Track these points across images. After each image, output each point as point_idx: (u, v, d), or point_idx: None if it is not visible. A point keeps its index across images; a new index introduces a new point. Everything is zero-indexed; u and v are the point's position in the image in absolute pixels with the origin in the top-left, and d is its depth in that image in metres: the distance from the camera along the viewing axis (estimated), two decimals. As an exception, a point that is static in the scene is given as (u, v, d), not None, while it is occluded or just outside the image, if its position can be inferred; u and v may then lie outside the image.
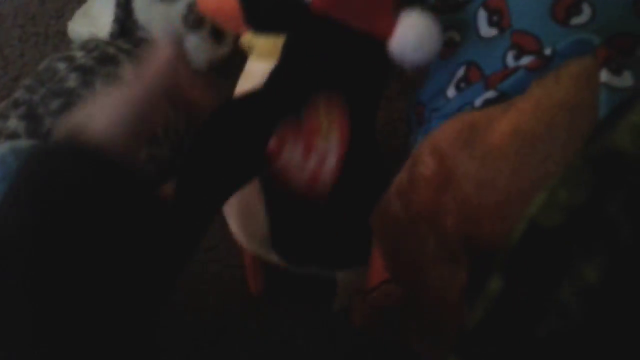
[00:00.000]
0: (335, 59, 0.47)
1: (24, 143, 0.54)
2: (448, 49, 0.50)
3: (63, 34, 0.83)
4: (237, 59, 0.72)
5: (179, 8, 0.68)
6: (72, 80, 0.61)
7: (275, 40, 0.50)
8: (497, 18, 0.46)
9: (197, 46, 0.69)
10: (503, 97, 0.42)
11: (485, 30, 0.47)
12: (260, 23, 0.49)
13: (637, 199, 0.23)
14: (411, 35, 0.46)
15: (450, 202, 0.40)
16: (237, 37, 0.74)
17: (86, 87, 0.61)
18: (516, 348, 0.24)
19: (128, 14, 0.69)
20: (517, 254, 0.26)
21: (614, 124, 0.26)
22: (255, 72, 0.54)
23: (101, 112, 0.40)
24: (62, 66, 0.63)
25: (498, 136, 0.38)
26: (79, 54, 0.64)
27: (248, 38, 0.55)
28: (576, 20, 0.43)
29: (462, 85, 0.47)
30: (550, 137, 0.36)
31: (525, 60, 0.43)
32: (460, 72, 0.47)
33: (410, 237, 0.42)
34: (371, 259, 0.47)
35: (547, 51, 0.40)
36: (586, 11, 0.43)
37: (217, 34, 0.71)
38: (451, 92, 0.47)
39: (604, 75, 0.35)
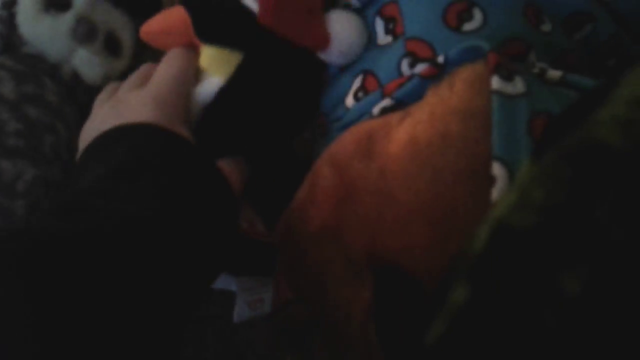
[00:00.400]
0: (281, 73, 0.48)
1: None
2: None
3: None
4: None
5: (67, 20, 0.63)
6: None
7: (225, 56, 0.48)
8: (392, 25, 0.45)
9: (89, 61, 0.64)
10: (399, 105, 0.41)
11: (382, 38, 0.46)
12: (210, 35, 0.49)
13: (632, 200, 0.20)
14: (349, 34, 0.47)
15: (351, 217, 0.38)
16: (136, 50, 0.70)
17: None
18: None
19: (12, 29, 0.64)
20: (484, 260, 0.22)
21: (584, 119, 0.23)
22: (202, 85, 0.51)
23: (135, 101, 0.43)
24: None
25: (395, 146, 0.37)
26: (-45, 72, 0.58)
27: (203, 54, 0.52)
28: (468, 26, 0.43)
29: (360, 94, 0.45)
30: (445, 145, 0.35)
31: (420, 67, 0.42)
32: (358, 81, 0.46)
33: (313, 254, 0.40)
34: (276, 278, 0.45)
35: (440, 58, 0.40)
36: (477, 17, 0.43)
37: (111, 47, 0.67)
38: (350, 101, 0.46)
39: (496, 82, 0.34)
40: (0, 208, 0.55)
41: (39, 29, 0.63)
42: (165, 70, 0.47)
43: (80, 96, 0.65)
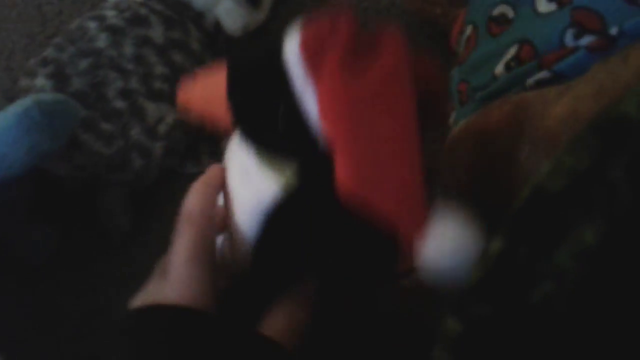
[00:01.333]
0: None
1: (48, 96, 0.51)
2: (499, 26, 0.45)
3: (100, -6, 0.80)
4: (274, 26, 0.69)
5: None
6: (102, 41, 0.58)
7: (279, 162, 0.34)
8: (557, -8, 0.41)
9: (232, 10, 0.65)
10: (558, 79, 0.38)
11: (544, 5, 0.42)
12: (259, 142, 0.34)
13: (638, 163, 0.23)
14: (447, 249, 0.30)
15: (493, 193, 0.35)
16: (274, 3, 0.70)
17: (115, 47, 0.58)
18: (511, 311, 0.24)
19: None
20: (519, 217, 0.25)
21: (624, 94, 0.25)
22: (256, 177, 0.35)
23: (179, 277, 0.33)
24: (92, 25, 0.60)
25: (552, 122, 0.34)
26: (110, 13, 0.61)
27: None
28: (647, -2, 0.38)
29: (513, 64, 0.42)
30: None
31: (587, 39, 0.38)
32: (512, 50, 0.42)
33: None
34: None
35: (613, 30, 0.35)
36: (660, -12, 0.38)
37: (253, -1, 0.67)
38: (500, 70, 0.43)
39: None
40: (142, 147, 0.57)
41: (189, -24, 0.64)
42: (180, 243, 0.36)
43: (220, 45, 0.66)
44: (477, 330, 0.24)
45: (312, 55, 0.31)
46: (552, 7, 0.41)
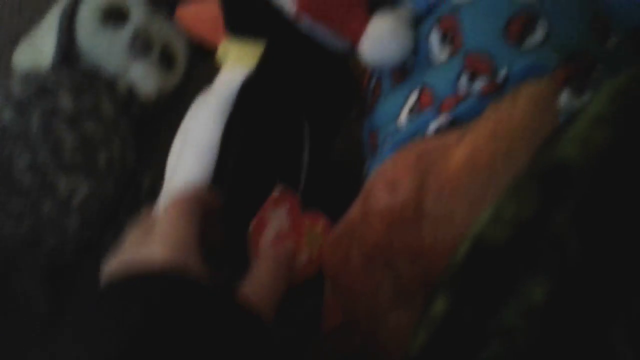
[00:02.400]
0: (307, 73, 0.48)
1: None
2: (401, 73, 0.46)
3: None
4: (190, 87, 0.68)
5: (125, 34, 0.63)
6: (6, 116, 0.56)
7: (250, 47, 0.48)
8: (450, 39, 0.42)
9: (145, 74, 0.64)
10: (456, 123, 0.38)
11: (438, 52, 0.43)
12: (240, 28, 0.49)
13: (586, 212, 0.21)
14: (381, 33, 0.44)
15: (404, 241, 0.35)
16: (188, 64, 0.69)
17: (21, 123, 0.55)
18: None
19: (71, 42, 0.64)
20: (462, 273, 0.24)
21: (558, 138, 0.24)
22: (227, 78, 0.50)
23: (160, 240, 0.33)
24: (-2, 99, 0.57)
25: (453, 167, 0.34)
26: (16, 87, 0.58)
27: (223, 48, 0.52)
28: (531, 40, 0.39)
29: (415, 110, 0.42)
30: (509, 164, 0.32)
31: (479, 83, 0.39)
32: (413, 96, 0.43)
33: (363, 278, 0.38)
34: (325, 302, 0.42)
35: (501, 74, 0.36)
36: (540, 30, 0.39)
37: (166, 60, 0.66)
38: (404, 117, 0.43)
39: (565, 97, 0.31)
40: (54, 224, 0.54)
41: (97, 42, 0.63)
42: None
43: (135, 110, 0.65)
44: None
45: None
46: (446, 54, 0.42)
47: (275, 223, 0.40)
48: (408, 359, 0.24)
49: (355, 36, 0.45)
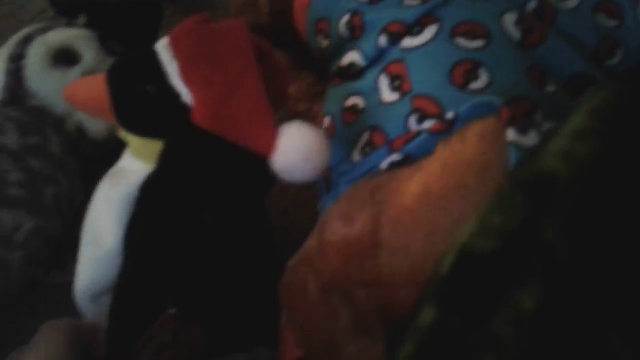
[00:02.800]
0: (214, 170, 0.42)
1: None
2: (352, 115, 0.48)
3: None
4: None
5: (74, 75, 0.63)
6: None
7: (150, 142, 0.44)
8: (398, 83, 0.45)
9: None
10: (408, 160, 0.40)
11: (387, 95, 0.45)
12: (134, 127, 0.44)
13: (574, 223, 0.22)
14: (296, 149, 0.40)
15: (362, 272, 0.36)
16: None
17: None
18: None
19: (19, 82, 0.63)
20: (449, 283, 0.24)
21: (539, 151, 0.25)
22: (129, 170, 0.46)
23: None
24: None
25: (408, 199, 0.36)
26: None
27: (123, 133, 0.47)
28: (475, 85, 0.42)
29: (367, 149, 0.44)
30: (461, 197, 0.34)
31: (428, 123, 0.41)
32: (365, 136, 0.45)
33: (321, 310, 0.38)
34: (281, 335, 0.42)
35: (449, 114, 0.39)
36: (483, 76, 0.42)
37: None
38: (357, 156, 0.45)
39: (511, 134, 0.34)
40: (-3, 259, 0.52)
41: (47, 83, 0.62)
42: None
43: (84, 149, 0.64)
44: None
45: (176, 42, 0.43)
46: (395, 96, 0.44)
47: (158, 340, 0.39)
48: None
49: (265, 150, 0.40)
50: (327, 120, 0.52)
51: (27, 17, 0.81)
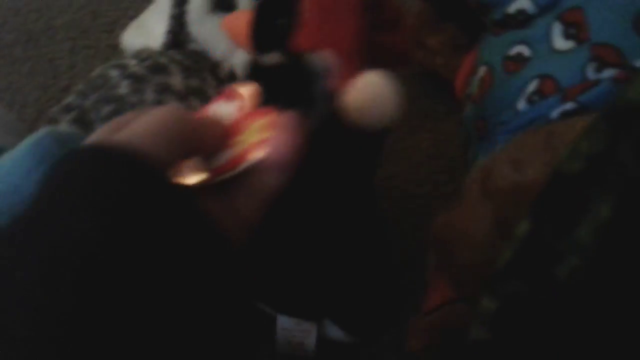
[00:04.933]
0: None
1: (62, 128, 0.50)
2: (516, 64, 0.46)
3: (113, 47, 0.80)
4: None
5: (232, 21, 0.65)
6: (124, 88, 0.58)
7: None
8: (574, 31, 0.42)
9: (246, 60, 0.65)
10: (583, 110, 0.38)
11: (561, 43, 0.43)
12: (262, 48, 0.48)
13: None
14: (364, 91, 0.39)
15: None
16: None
17: (137, 94, 0.57)
18: (541, 287, 0.25)
19: (181, 27, 0.66)
20: (542, 200, 0.26)
21: (632, 83, 0.26)
22: None
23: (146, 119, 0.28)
24: (114, 73, 0.59)
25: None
26: (131, 62, 0.60)
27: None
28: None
29: (535, 98, 0.42)
30: None
31: (608, 72, 0.39)
32: (533, 85, 0.43)
33: (481, 253, 0.37)
34: (430, 280, 0.42)
35: (637, 63, 0.36)
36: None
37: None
38: (522, 105, 0.43)
39: None
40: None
41: (206, 28, 0.65)
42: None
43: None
44: (510, 306, 0.26)
45: None
46: (570, 44, 0.42)
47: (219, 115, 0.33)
48: (495, 274, 0.26)
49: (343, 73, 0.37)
50: (482, 70, 0.50)
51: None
